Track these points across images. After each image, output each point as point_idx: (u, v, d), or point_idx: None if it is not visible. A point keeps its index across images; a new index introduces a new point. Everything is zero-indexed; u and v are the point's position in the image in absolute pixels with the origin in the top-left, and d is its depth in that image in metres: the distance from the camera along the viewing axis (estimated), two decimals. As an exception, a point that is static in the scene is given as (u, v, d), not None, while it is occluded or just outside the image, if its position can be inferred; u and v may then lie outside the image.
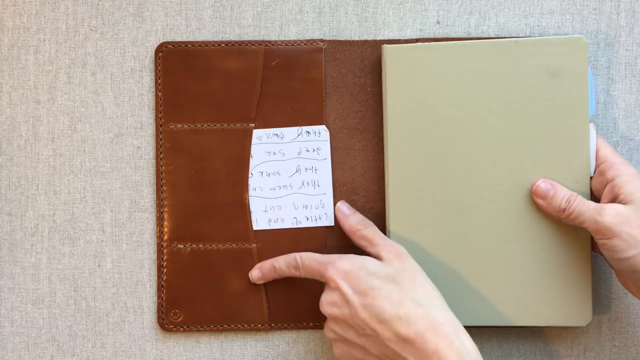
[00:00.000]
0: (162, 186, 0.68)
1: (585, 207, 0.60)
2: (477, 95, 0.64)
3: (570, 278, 0.64)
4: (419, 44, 0.66)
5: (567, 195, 0.62)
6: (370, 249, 0.63)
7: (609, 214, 0.58)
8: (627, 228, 0.58)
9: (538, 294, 0.64)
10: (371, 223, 0.65)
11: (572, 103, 0.64)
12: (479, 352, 0.57)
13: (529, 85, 0.64)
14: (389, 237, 0.65)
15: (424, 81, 0.65)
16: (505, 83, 0.64)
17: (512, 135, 0.64)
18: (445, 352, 0.55)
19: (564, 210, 0.61)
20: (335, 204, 0.67)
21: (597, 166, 0.63)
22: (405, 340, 0.57)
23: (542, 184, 0.63)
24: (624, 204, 0.59)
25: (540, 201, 0.63)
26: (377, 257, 0.62)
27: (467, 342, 0.57)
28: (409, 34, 0.68)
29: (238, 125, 0.68)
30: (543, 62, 0.64)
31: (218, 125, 0.68)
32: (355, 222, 0.65)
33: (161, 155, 0.68)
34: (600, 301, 0.68)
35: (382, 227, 0.67)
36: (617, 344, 0.68)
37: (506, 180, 0.64)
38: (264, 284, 0.68)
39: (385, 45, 0.66)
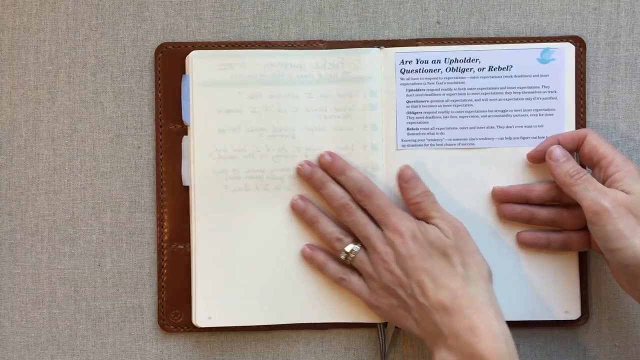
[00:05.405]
0: (162, 186, 0.68)
1: (592, 186, 0.60)
2: None
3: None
4: None
5: (579, 168, 0.62)
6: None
7: (610, 197, 0.59)
8: (623, 217, 0.58)
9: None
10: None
11: None
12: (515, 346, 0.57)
13: None
14: None
15: None
16: None
17: None
18: (481, 330, 0.56)
19: (572, 176, 0.61)
20: None
21: (596, 162, 0.62)
22: (446, 310, 0.58)
23: (558, 149, 0.63)
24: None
25: (552, 163, 0.62)
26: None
27: (505, 328, 0.57)
28: (409, 34, 0.68)
29: (238, 125, 0.68)
30: None
31: (218, 125, 0.68)
32: None
33: (161, 156, 0.68)
34: (600, 301, 0.68)
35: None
36: (617, 344, 0.68)
37: None
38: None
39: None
